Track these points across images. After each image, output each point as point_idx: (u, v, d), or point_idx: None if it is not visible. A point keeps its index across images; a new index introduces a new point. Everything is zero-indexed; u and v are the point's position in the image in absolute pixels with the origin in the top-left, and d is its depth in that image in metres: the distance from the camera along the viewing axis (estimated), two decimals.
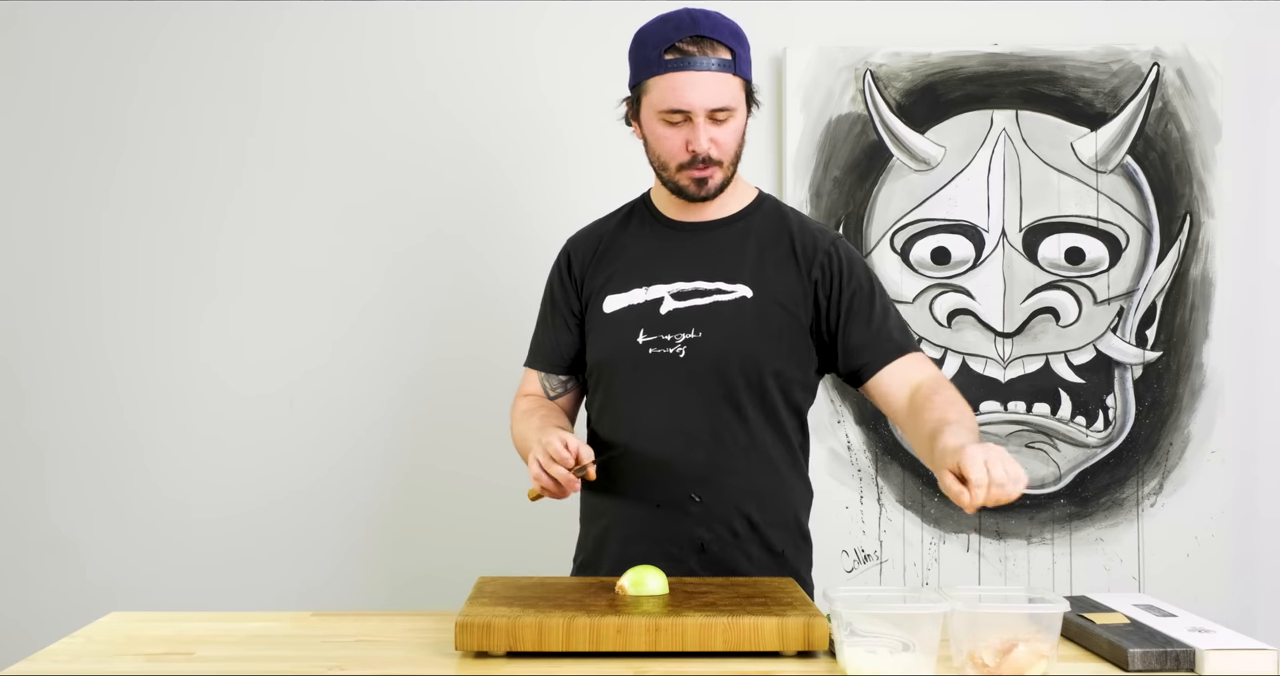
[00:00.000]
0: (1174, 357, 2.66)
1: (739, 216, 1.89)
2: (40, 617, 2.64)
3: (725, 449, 1.82)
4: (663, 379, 1.82)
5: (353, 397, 2.71)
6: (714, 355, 1.81)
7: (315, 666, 1.47)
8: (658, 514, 1.82)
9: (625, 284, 1.87)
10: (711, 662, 1.47)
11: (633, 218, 1.95)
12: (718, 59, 1.75)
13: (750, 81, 1.82)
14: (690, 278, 1.84)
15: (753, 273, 1.84)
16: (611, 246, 1.92)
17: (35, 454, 2.71)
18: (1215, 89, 2.64)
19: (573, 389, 1.98)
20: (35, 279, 2.72)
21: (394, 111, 2.70)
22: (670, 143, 1.80)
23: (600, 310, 1.88)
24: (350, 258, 2.70)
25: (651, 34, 1.79)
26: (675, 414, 1.82)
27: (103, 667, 1.48)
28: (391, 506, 2.70)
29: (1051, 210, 2.66)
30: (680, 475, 1.82)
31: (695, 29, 1.75)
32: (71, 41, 2.70)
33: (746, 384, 1.82)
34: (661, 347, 1.82)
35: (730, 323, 1.82)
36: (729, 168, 1.82)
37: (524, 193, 2.70)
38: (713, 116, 1.77)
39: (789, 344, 1.84)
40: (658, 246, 1.89)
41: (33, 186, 2.71)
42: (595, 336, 1.89)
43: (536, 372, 1.98)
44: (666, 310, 1.83)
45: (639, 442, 1.83)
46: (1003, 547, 2.66)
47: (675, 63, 1.75)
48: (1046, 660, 1.41)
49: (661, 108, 1.77)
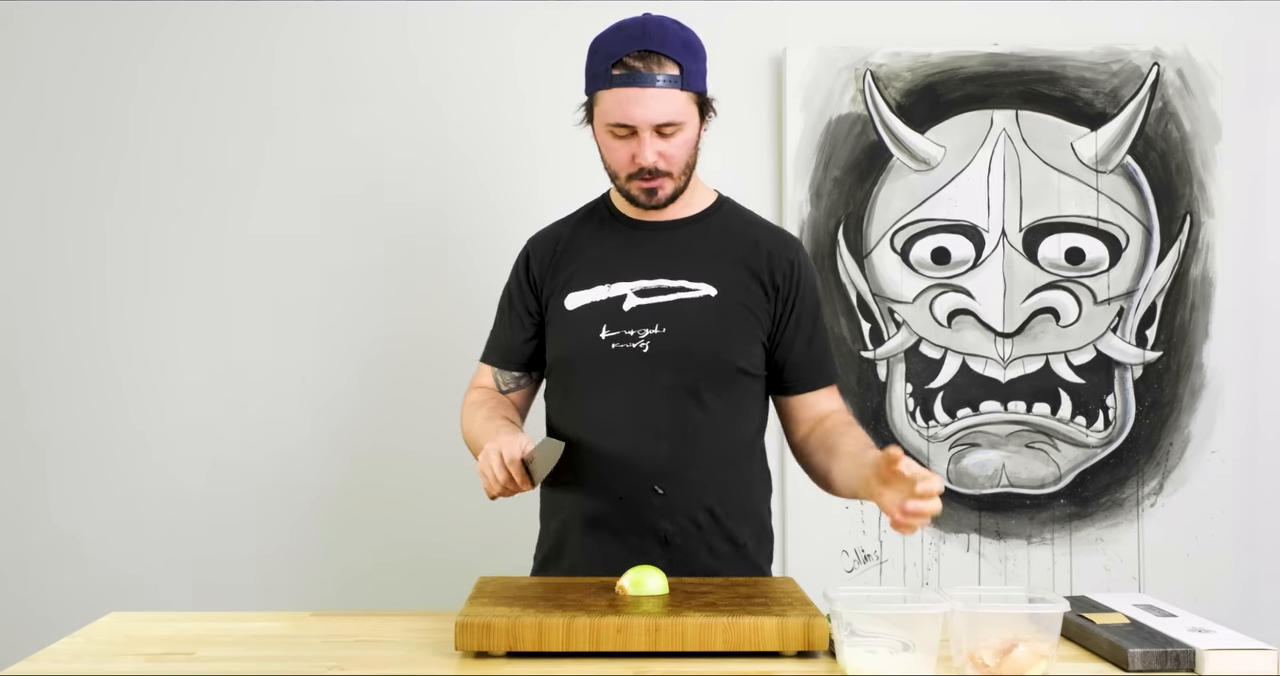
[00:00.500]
0: (1174, 357, 2.66)
1: (699, 217, 1.92)
2: (40, 617, 2.64)
3: (688, 442, 1.84)
4: (625, 373, 1.84)
5: (350, 395, 2.71)
6: (677, 349, 1.83)
7: (315, 666, 1.47)
8: (620, 506, 1.83)
9: (587, 281, 1.89)
10: (711, 662, 1.47)
11: (593, 217, 1.97)
12: (664, 75, 1.75)
13: (703, 93, 1.82)
14: (653, 276, 1.86)
15: (715, 272, 1.86)
16: (571, 246, 1.94)
17: (36, 453, 2.71)
18: (1215, 89, 2.64)
19: (525, 385, 2.00)
20: (35, 278, 2.72)
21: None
22: (618, 154, 1.82)
23: (562, 307, 1.90)
24: (346, 254, 2.71)
25: (603, 45, 1.80)
26: (638, 407, 1.84)
27: (103, 667, 1.48)
28: (393, 504, 2.70)
29: (1051, 210, 2.66)
30: (643, 468, 1.83)
31: (644, 43, 1.76)
32: (67, 41, 2.70)
33: (709, 377, 1.84)
34: (624, 343, 1.84)
35: (694, 318, 1.84)
36: (680, 178, 1.84)
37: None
38: (659, 131, 1.78)
39: (749, 341, 1.86)
40: (619, 245, 1.91)
41: (32, 185, 2.71)
42: (557, 333, 1.91)
43: (490, 367, 2.00)
44: (630, 306, 1.85)
45: (601, 436, 1.85)
46: (1003, 547, 2.66)
47: (622, 78, 1.75)
48: (1046, 660, 1.41)
49: (608, 121, 1.79)
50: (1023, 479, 2.66)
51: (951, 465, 2.66)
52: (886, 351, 2.67)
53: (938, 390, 2.66)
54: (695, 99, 1.80)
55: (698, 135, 1.84)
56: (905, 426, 2.66)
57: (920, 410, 2.66)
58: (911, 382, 2.66)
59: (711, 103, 1.85)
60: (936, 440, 2.66)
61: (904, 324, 2.66)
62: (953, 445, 2.66)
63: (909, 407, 2.66)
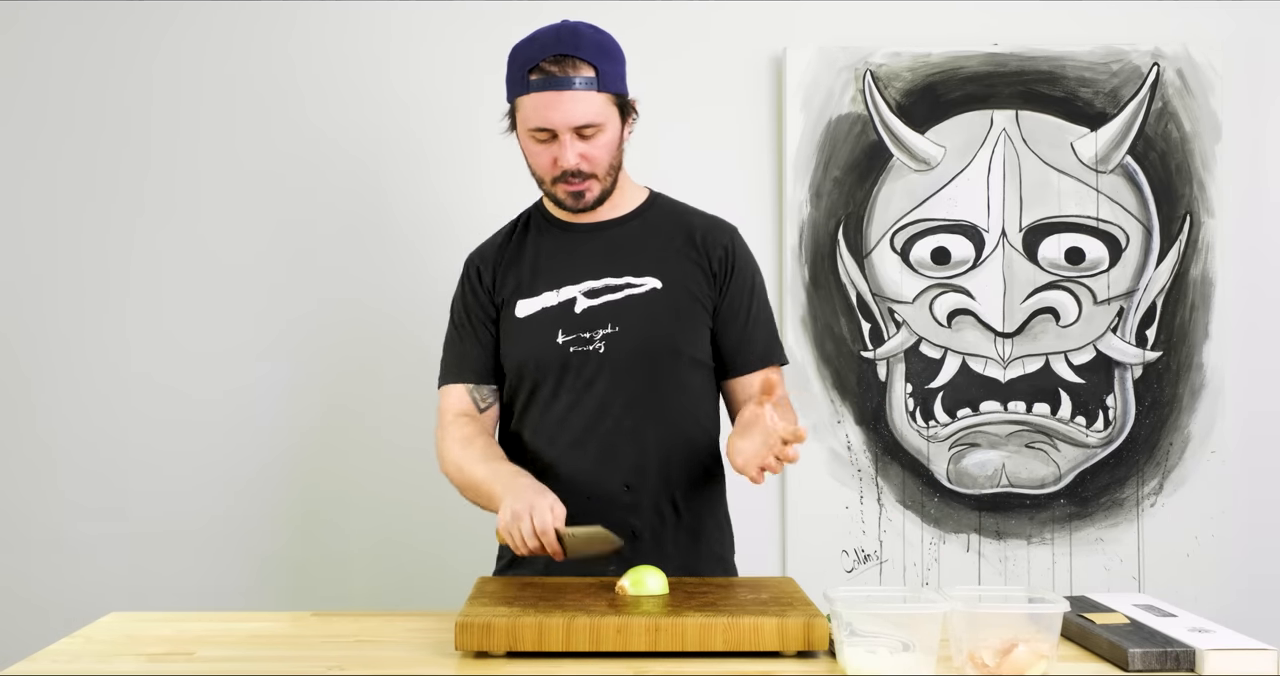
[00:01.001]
0: (1174, 357, 2.66)
1: (634, 215, 1.94)
2: (40, 617, 2.64)
3: (651, 438, 1.86)
4: (586, 375, 1.86)
5: (351, 396, 2.71)
6: (633, 346, 1.85)
7: (315, 666, 1.47)
8: (589, 506, 1.83)
9: (533, 288, 1.90)
10: (711, 662, 1.47)
11: (530, 225, 1.98)
12: (580, 77, 1.77)
13: (622, 94, 1.84)
14: (598, 275, 1.88)
15: (658, 264, 1.88)
16: (514, 256, 1.95)
17: (36, 453, 2.71)
18: (1215, 89, 2.64)
19: (498, 398, 1.99)
20: (41, 278, 2.72)
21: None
22: (541, 159, 1.84)
23: (513, 315, 1.91)
24: (341, 252, 2.71)
25: (520, 52, 1.82)
26: (601, 408, 1.85)
27: (103, 667, 1.48)
28: (393, 505, 2.70)
29: (1051, 210, 2.66)
30: (610, 467, 1.85)
31: (558, 47, 1.78)
32: (70, 42, 2.70)
33: (668, 371, 1.86)
34: (581, 346, 1.86)
35: (645, 313, 1.86)
36: (605, 178, 1.85)
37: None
38: (579, 133, 1.80)
39: (701, 330, 1.89)
40: (559, 249, 1.92)
41: (38, 186, 2.71)
42: (511, 341, 1.91)
43: (462, 386, 1.95)
44: (581, 309, 1.87)
45: (567, 440, 1.87)
46: (1003, 547, 2.66)
47: (538, 83, 1.78)
48: (1046, 660, 1.41)
49: (528, 126, 1.81)
50: (1023, 479, 2.66)
51: (951, 465, 2.66)
52: (886, 351, 2.67)
53: (938, 390, 2.66)
54: (614, 100, 1.82)
55: (620, 136, 1.85)
56: (905, 426, 2.66)
57: (920, 410, 2.66)
58: (911, 382, 2.66)
59: (633, 104, 1.87)
60: (936, 440, 2.66)
61: (904, 324, 2.66)
62: (953, 445, 2.66)
63: (909, 407, 2.66)
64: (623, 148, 1.88)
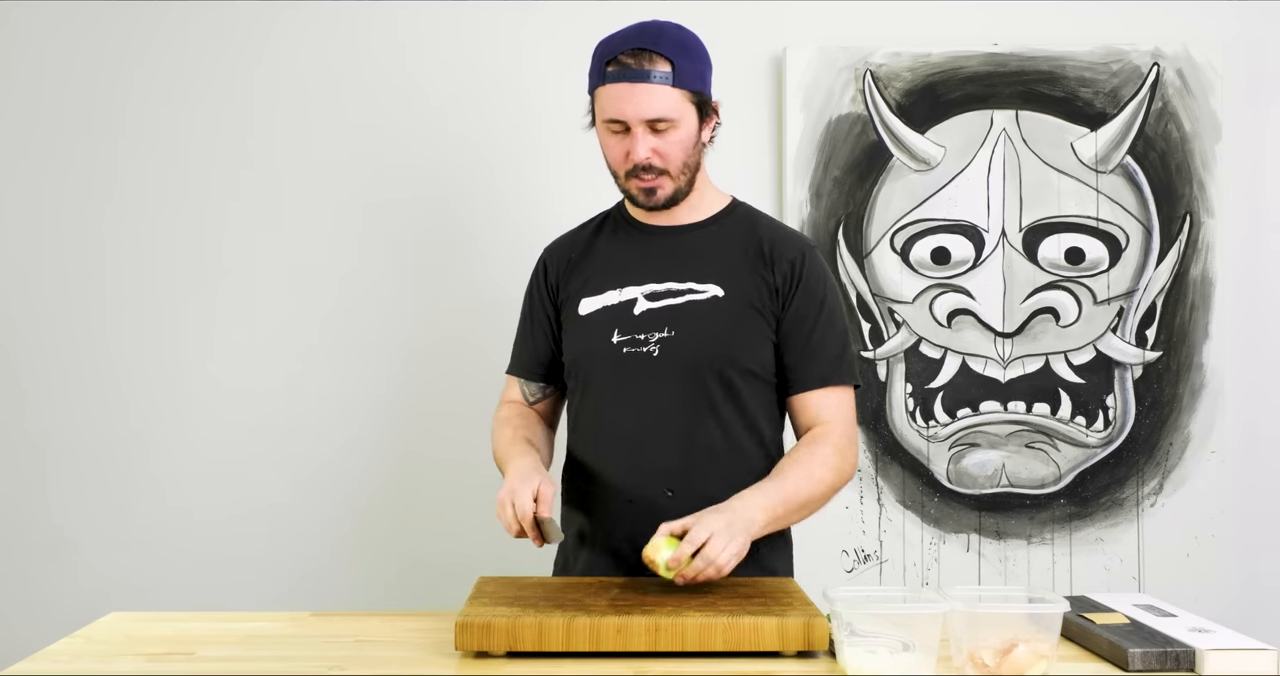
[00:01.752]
0: (1174, 357, 2.66)
1: (711, 221, 1.92)
2: (40, 617, 2.64)
3: (698, 444, 1.84)
4: (637, 377, 1.85)
5: (350, 396, 2.71)
6: (687, 352, 1.84)
7: (315, 666, 1.47)
8: (630, 510, 1.83)
9: (599, 287, 1.91)
10: (711, 662, 1.47)
11: (607, 224, 1.99)
12: (656, 71, 1.77)
13: (702, 92, 1.82)
14: (661, 279, 1.88)
15: (723, 274, 1.87)
16: (586, 252, 1.96)
17: (36, 453, 2.71)
18: (1215, 89, 2.64)
19: (551, 394, 2.01)
20: (36, 278, 2.72)
21: (386, 111, 2.70)
22: (614, 151, 1.84)
23: (576, 313, 1.92)
24: (344, 253, 2.70)
25: (603, 46, 1.83)
26: (649, 410, 1.85)
27: (103, 667, 1.49)
28: (392, 505, 2.70)
29: (1051, 210, 2.66)
30: (654, 471, 1.84)
31: (639, 41, 1.79)
32: (64, 40, 2.70)
33: (719, 380, 1.84)
34: (635, 347, 1.85)
35: (703, 321, 1.84)
36: (679, 177, 1.84)
37: (511, 193, 2.70)
38: (652, 127, 1.79)
39: (760, 343, 1.86)
40: (630, 249, 1.92)
41: (33, 185, 2.71)
42: (571, 338, 1.93)
43: (517, 379, 2.02)
44: (640, 310, 1.87)
45: (613, 439, 1.87)
46: (1003, 547, 2.66)
47: (614, 74, 1.78)
48: (1046, 660, 1.41)
49: (604, 117, 1.82)
50: (1023, 479, 2.66)
51: (951, 465, 2.66)
52: (886, 351, 2.67)
53: (938, 390, 2.66)
54: (690, 98, 1.81)
55: (697, 135, 1.84)
56: (905, 426, 2.66)
57: (920, 410, 2.66)
58: (911, 382, 2.66)
59: (714, 106, 1.86)
60: (936, 440, 2.66)
61: (904, 324, 2.66)
62: (953, 445, 2.66)
63: (909, 407, 2.66)
64: (701, 149, 1.87)
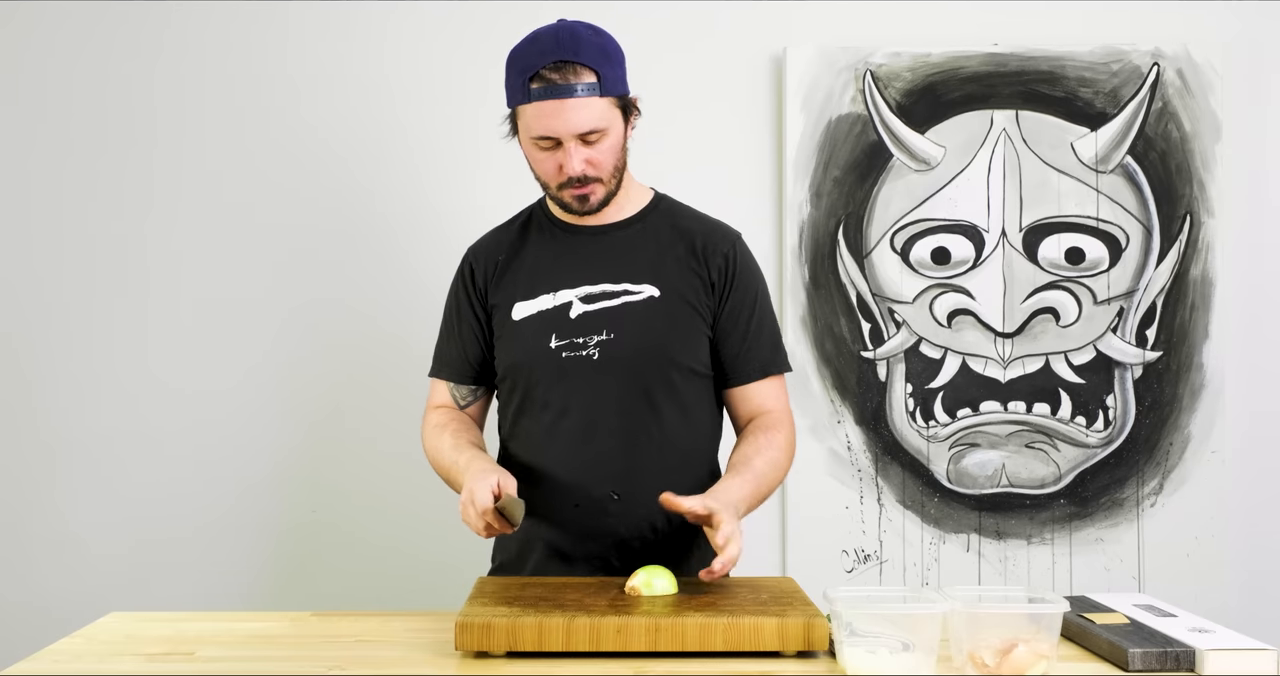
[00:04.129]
0: (1174, 357, 2.66)
1: (636, 218, 1.92)
2: (41, 617, 2.64)
3: (641, 447, 1.84)
4: (577, 381, 1.84)
5: (352, 396, 2.71)
6: (626, 354, 1.83)
7: (315, 666, 1.47)
8: (577, 513, 1.84)
9: (531, 291, 1.89)
10: (711, 662, 1.47)
11: (531, 224, 1.96)
12: (581, 83, 1.74)
13: (623, 95, 1.81)
14: (595, 281, 1.87)
15: (656, 272, 1.87)
16: (513, 255, 1.93)
17: (38, 454, 2.71)
18: (1215, 89, 2.64)
19: (482, 397, 2.00)
20: (42, 277, 2.72)
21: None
22: (545, 165, 1.82)
23: (509, 318, 1.90)
24: (344, 242, 2.71)
25: (519, 58, 1.78)
26: (592, 415, 1.84)
27: (103, 667, 1.49)
28: (392, 505, 2.70)
29: (1051, 210, 2.66)
30: (599, 475, 1.84)
31: (558, 53, 1.74)
32: (70, 39, 2.70)
33: (660, 381, 1.85)
34: (574, 351, 1.84)
35: (640, 321, 1.84)
36: (610, 181, 1.83)
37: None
38: (584, 139, 1.77)
39: (698, 340, 1.87)
40: (559, 251, 1.91)
41: (42, 185, 2.71)
42: (506, 344, 1.91)
43: (444, 383, 1.98)
44: (576, 314, 1.86)
45: (556, 445, 1.86)
46: (1003, 547, 2.66)
47: (539, 91, 1.74)
48: (1046, 660, 1.41)
49: (532, 135, 1.79)
50: (1023, 479, 2.66)
51: (951, 465, 2.66)
52: (886, 351, 2.67)
53: (938, 390, 2.66)
54: (616, 103, 1.79)
55: (624, 138, 1.83)
56: (905, 426, 2.66)
57: (920, 410, 2.66)
58: (911, 383, 2.66)
59: (634, 103, 1.84)
60: (936, 440, 2.66)
61: (904, 324, 2.66)
62: (953, 445, 2.66)
63: (909, 407, 2.66)
64: (627, 147, 1.86)
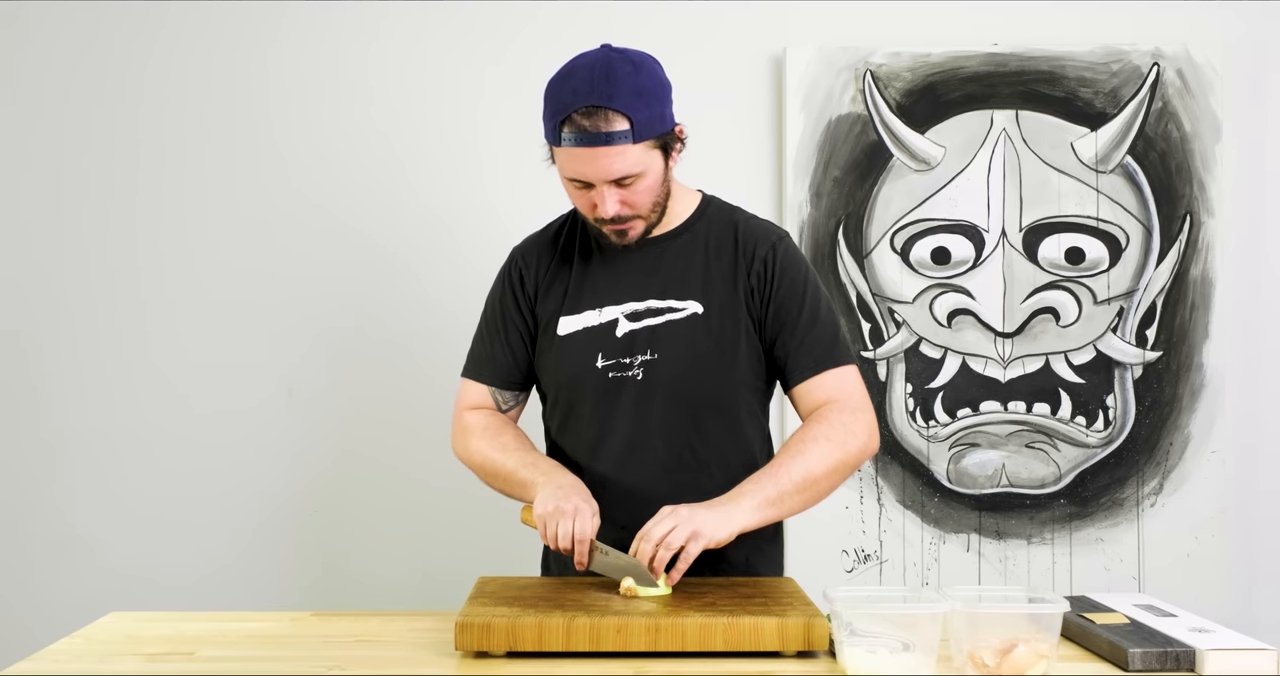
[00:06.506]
0: (1174, 357, 2.66)
1: (684, 228, 1.87)
2: (41, 617, 2.64)
3: (687, 467, 1.82)
4: (623, 402, 1.81)
5: (352, 396, 2.71)
6: (670, 376, 1.80)
7: (315, 666, 1.47)
8: (623, 535, 1.77)
9: (576, 305, 1.85)
10: (711, 662, 1.47)
11: (576, 232, 1.91)
12: (613, 131, 1.67)
13: (663, 134, 1.74)
14: (640, 297, 1.83)
15: (702, 287, 1.83)
16: (559, 265, 1.89)
17: (40, 454, 2.72)
18: (1215, 89, 2.64)
19: (523, 401, 1.97)
20: (45, 277, 2.72)
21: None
22: (580, 201, 1.78)
23: (554, 332, 1.86)
24: (355, 248, 2.71)
25: (553, 96, 1.72)
26: (638, 435, 1.81)
27: (103, 667, 1.49)
28: (392, 505, 2.70)
29: (1051, 210, 2.66)
30: (644, 496, 1.79)
31: (590, 98, 1.67)
32: (68, 41, 2.70)
33: (705, 401, 1.82)
34: (620, 371, 1.81)
35: (683, 342, 1.81)
36: (650, 215, 1.79)
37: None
38: (618, 183, 1.72)
39: (743, 355, 1.82)
40: (605, 265, 1.86)
41: (44, 184, 2.71)
42: (552, 359, 1.87)
43: (484, 386, 1.93)
44: (622, 332, 1.82)
45: (601, 465, 1.83)
46: (1003, 547, 2.66)
47: (571, 138, 1.69)
48: (1046, 660, 1.41)
49: (565, 174, 1.75)
50: (1023, 479, 2.66)
51: (951, 465, 2.66)
52: (886, 351, 2.67)
53: (938, 390, 2.66)
54: (654, 144, 1.73)
55: (664, 174, 1.78)
56: (905, 426, 2.66)
57: (920, 410, 2.66)
58: (911, 382, 2.66)
59: (677, 133, 1.78)
60: (936, 440, 2.66)
61: (904, 324, 2.66)
62: (953, 445, 2.66)
63: (909, 407, 2.66)
64: (669, 179, 1.80)
